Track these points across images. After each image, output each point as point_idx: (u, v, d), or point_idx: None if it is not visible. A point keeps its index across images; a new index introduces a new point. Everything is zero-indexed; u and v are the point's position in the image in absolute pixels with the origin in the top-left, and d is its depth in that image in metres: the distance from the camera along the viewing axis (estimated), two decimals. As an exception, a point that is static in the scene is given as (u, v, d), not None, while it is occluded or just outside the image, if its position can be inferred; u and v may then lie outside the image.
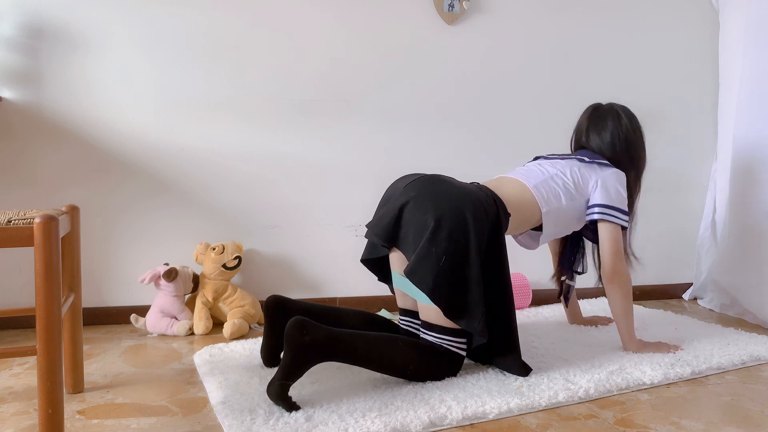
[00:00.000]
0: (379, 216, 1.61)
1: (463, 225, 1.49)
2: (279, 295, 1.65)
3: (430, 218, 1.48)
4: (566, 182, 1.77)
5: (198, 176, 2.23)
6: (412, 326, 1.69)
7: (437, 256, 1.45)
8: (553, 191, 1.74)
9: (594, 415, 1.34)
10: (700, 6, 2.70)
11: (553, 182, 1.76)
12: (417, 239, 1.49)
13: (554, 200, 1.73)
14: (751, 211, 2.33)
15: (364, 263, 1.76)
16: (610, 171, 1.80)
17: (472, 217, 1.50)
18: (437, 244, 1.46)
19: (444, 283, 1.45)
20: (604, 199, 1.75)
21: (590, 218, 1.78)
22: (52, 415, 1.10)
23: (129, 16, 2.15)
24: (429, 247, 1.46)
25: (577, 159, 1.84)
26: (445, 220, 1.47)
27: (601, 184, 1.77)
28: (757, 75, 2.34)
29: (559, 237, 1.92)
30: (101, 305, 2.17)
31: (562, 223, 1.79)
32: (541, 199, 1.72)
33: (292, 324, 1.33)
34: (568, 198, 1.76)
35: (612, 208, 1.75)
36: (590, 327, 2.09)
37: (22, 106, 2.08)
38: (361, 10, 2.34)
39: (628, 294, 1.75)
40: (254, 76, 2.26)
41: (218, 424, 1.27)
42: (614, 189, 1.77)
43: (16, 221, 1.14)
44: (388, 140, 2.39)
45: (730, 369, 1.68)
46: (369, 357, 1.43)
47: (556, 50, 2.55)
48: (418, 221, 1.50)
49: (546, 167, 1.81)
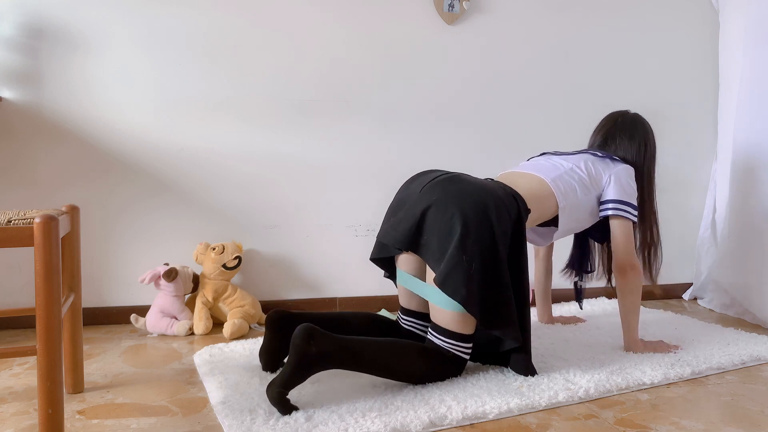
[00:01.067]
0: (397, 220, 1.56)
1: (489, 228, 1.45)
2: (282, 309, 1.61)
3: (457, 224, 1.44)
4: (581, 176, 1.77)
5: (198, 176, 2.23)
6: (414, 326, 1.68)
7: (467, 263, 1.41)
8: (569, 185, 1.74)
9: (594, 415, 1.34)
10: (700, 6, 2.70)
11: (568, 176, 1.76)
12: (443, 246, 1.44)
13: (571, 194, 1.74)
14: (751, 211, 2.33)
15: (373, 261, 1.74)
16: (621, 166, 1.82)
17: (496, 218, 1.47)
18: (466, 251, 1.42)
19: (477, 292, 1.42)
20: (619, 195, 1.76)
21: (604, 214, 1.78)
22: (52, 415, 1.10)
23: (129, 16, 2.15)
24: (459, 255, 1.42)
25: (590, 153, 1.86)
26: (472, 224, 1.44)
27: (615, 179, 1.78)
28: (757, 75, 2.34)
29: (571, 233, 1.91)
30: (101, 305, 2.17)
31: (575, 218, 1.78)
32: (559, 193, 1.71)
33: (299, 332, 1.31)
34: (584, 192, 1.76)
35: (625, 203, 1.76)
36: (590, 327, 2.08)
37: (22, 106, 2.08)
38: (361, 10, 2.34)
39: (639, 288, 1.76)
40: (254, 76, 2.26)
41: (218, 424, 1.27)
42: (627, 184, 1.78)
43: (16, 221, 1.14)
44: (388, 140, 2.39)
45: (730, 369, 1.68)
46: (374, 365, 1.41)
47: (556, 50, 2.55)
48: (441, 228, 1.46)
49: (559, 161, 1.81)
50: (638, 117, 1.96)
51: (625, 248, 1.75)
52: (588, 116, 2.56)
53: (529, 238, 1.93)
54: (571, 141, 2.37)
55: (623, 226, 1.75)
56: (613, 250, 1.78)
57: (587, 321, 2.18)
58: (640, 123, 1.94)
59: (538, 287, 2.16)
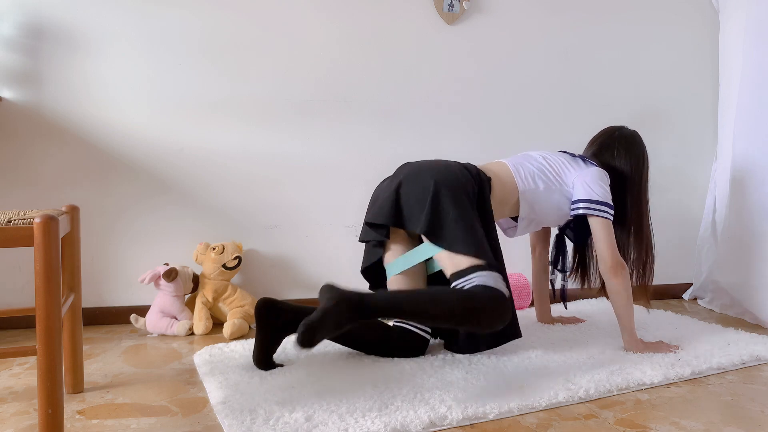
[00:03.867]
0: (376, 208, 1.68)
1: (460, 185, 1.61)
2: (269, 297, 1.61)
3: (429, 186, 1.59)
4: (542, 166, 1.84)
5: (198, 176, 2.23)
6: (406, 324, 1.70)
7: (445, 211, 1.56)
8: (529, 172, 1.81)
9: (594, 415, 1.34)
10: (700, 6, 2.70)
11: (530, 165, 1.84)
12: (421, 207, 1.58)
13: (531, 181, 1.80)
14: (751, 211, 2.33)
15: (363, 273, 1.82)
16: (593, 169, 1.84)
17: (463, 178, 1.64)
18: (441, 204, 1.57)
19: (459, 233, 1.54)
20: (588, 195, 1.78)
21: (576, 213, 1.80)
22: (52, 415, 1.10)
23: (129, 16, 2.15)
24: (435, 206, 1.57)
25: (564, 152, 1.93)
26: (442, 184, 1.59)
27: (581, 180, 1.81)
28: (757, 75, 2.34)
29: (536, 228, 1.94)
30: (101, 305, 2.17)
31: (538, 210, 1.82)
32: (518, 177, 1.80)
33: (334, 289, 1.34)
34: (545, 183, 1.81)
35: (598, 203, 1.77)
36: (590, 327, 2.08)
37: (22, 106, 2.08)
38: (361, 10, 2.34)
39: (629, 287, 1.76)
40: (255, 76, 2.26)
41: (218, 424, 1.27)
42: (596, 185, 1.79)
43: (16, 221, 1.14)
44: (388, 140, 2.39)
45: (730, 369, 1.68)
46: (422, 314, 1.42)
47: (556, 50, 2.55)
48: (417, 193, 1.61)
49: (529, 153, 1.91)
50: (636, 133, 1.98)
51: (608, 247, 1.76)
52: (588, 116, 2.57)
53: (502, 227, 1.99)
54: (571, 141, 2.37)
55: (602, 225, 1.76)
56: (597, 252, 1.80)
57: (587, 321, 2.18)
58: (637, 139, 1.96)
59: (534, 286, 2.16)
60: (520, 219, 1.84)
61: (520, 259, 2.42)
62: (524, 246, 2.36)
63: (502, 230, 2.00)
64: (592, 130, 2.07)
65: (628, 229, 1.91)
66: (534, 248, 2.16)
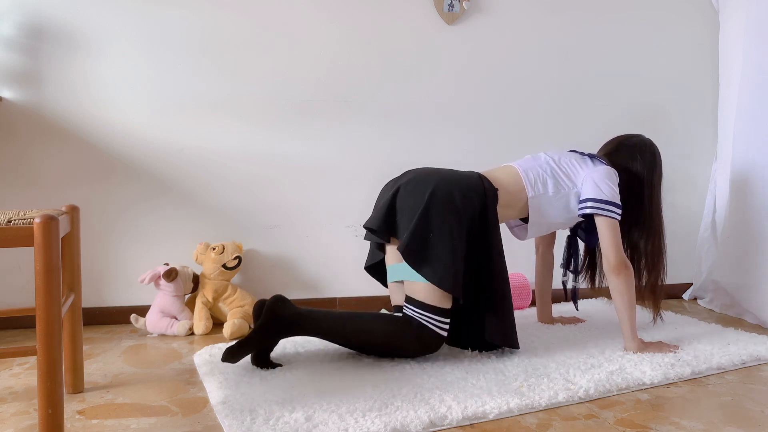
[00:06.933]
0: (373, 214, 1.71)
1: (452, 205, 1.61)
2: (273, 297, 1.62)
3: (422, 200, 1.61)
4: (554, 169, 1.83)
5: (198, 176, 2.23)
6: None
7: (426, 233, 1.58)
8: (540, 177, 1.80)
9: (594, 415, 1.34)
10: (700, 6, 2.70)
11: (541, 169, 1.82)
12: (411, 220, 1.60)
13: (541, 187, 1.79)
14: (751, 212, 2.33)
15: (367, 270, 1.87)
16: (602, 168, 1.83)
17: (460, 195, 1.63)
18: (429, 223, 1.59)
19: (433, 261, 1.57)
20: (596, 194, 1.78)
21: (583, 212, 1.80)
22: (52, 415, 1.10)
23: (129, 16, 2.15)
24: (420, 225, 1.58)
25: (573, 151, 1.92)
26: (436, 200, 1.60)
27: (590, 179, 1.80)
28: (757, 75, 2.33)
29: (546, 232, 1.93)
30: (101, 305, 2.17)
31: (547, 214, 1.81)
32: (528, 182, 1.78)
33: (272, 299, 1.56)
34: (555, 186, 1.80)
35: (605, 202, 1.77)
36: (590, 327, 2.08)
37: (22, 106, 2.08)
38: (361, 10, 2.34)
39: (632, 287, 1.77)
40: (254, 76, 2.26)
41: (218, 424, 1.27)
42: (604, 184, 1.79)
43: (16, 221, 1.14)
44: (388, 140, 2.39)
45: (730, 369, 1.68)
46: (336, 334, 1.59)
47: (556, 50, 2.55)
48: (410, 206, 1.62)
49: (538, 155, 1.89)
50: (653, 142, 1.97)
51: (613, 246, 1.76)
52: (588, 116, 2.57)
53: (514, 232, 1.99)
54: (572, 141, 2.37)
55: (608, 224, 1.76)
56: (602, 251, 1.79)
57: (587, 321, 2.18)
58: (653, 146, 1.96)
59: (537, 285, 2.16)
60: (530, 225, 1.83)
61: (520, 258, 2.42)
62: (525, 245, 2.35)
63: (509, 229, 1.99)
64: (592, 129, 2.08)
65: (642, 229, 1.91)
66: (537, 247, 2.16)
